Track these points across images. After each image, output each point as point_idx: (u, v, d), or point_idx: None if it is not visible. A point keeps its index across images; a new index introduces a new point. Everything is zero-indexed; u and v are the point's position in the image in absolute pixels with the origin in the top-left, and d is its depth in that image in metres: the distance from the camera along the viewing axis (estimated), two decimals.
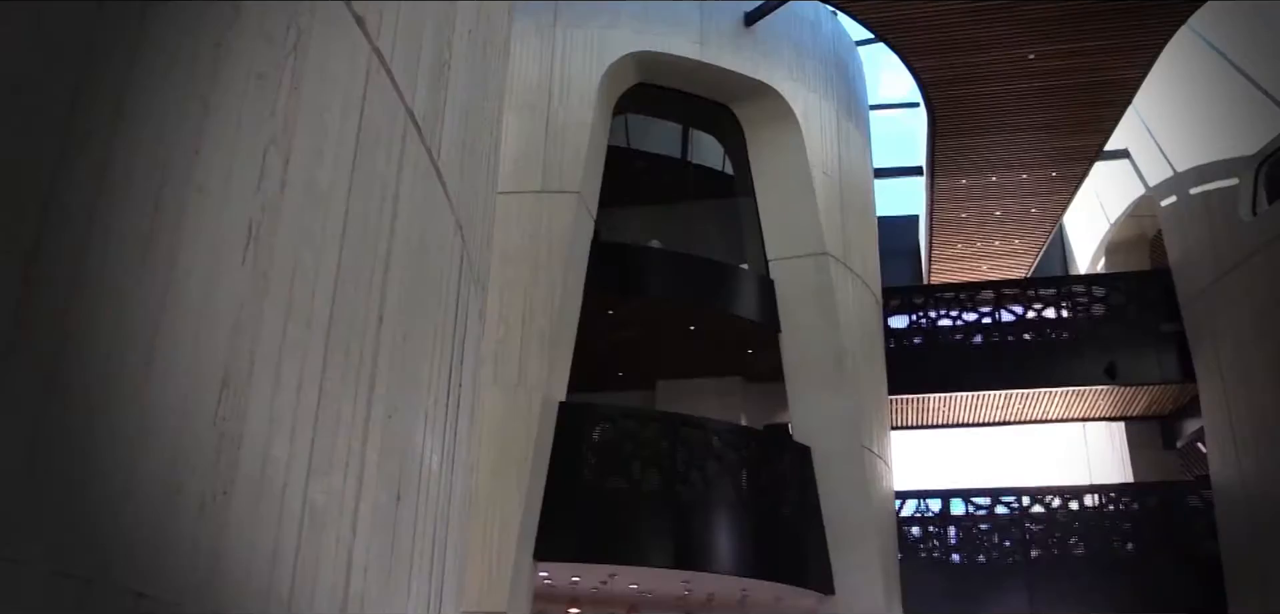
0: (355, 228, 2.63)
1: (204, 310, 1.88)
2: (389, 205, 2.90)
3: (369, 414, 2.79)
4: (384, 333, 2.91)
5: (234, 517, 1.99)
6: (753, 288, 13.56)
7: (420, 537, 3.58)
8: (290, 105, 2.24)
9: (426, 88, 3.28)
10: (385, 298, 2.91)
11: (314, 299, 2.38)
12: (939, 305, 17.05)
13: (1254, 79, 14.36)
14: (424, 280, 3.45)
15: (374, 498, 2.86)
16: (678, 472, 11.86)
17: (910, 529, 15.95)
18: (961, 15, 12.36)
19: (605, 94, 12.77)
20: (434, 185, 3.45)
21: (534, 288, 11.16)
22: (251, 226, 2.06)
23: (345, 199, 2.56)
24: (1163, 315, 16.17)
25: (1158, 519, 15.58)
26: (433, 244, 3.54)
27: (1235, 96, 14.71)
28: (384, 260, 2.89)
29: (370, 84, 2.71)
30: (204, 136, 1.90)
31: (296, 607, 2.30)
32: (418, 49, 3.19)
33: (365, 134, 2.67)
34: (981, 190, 16.17)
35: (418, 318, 3.38)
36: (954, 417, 18.23)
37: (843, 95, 15.18)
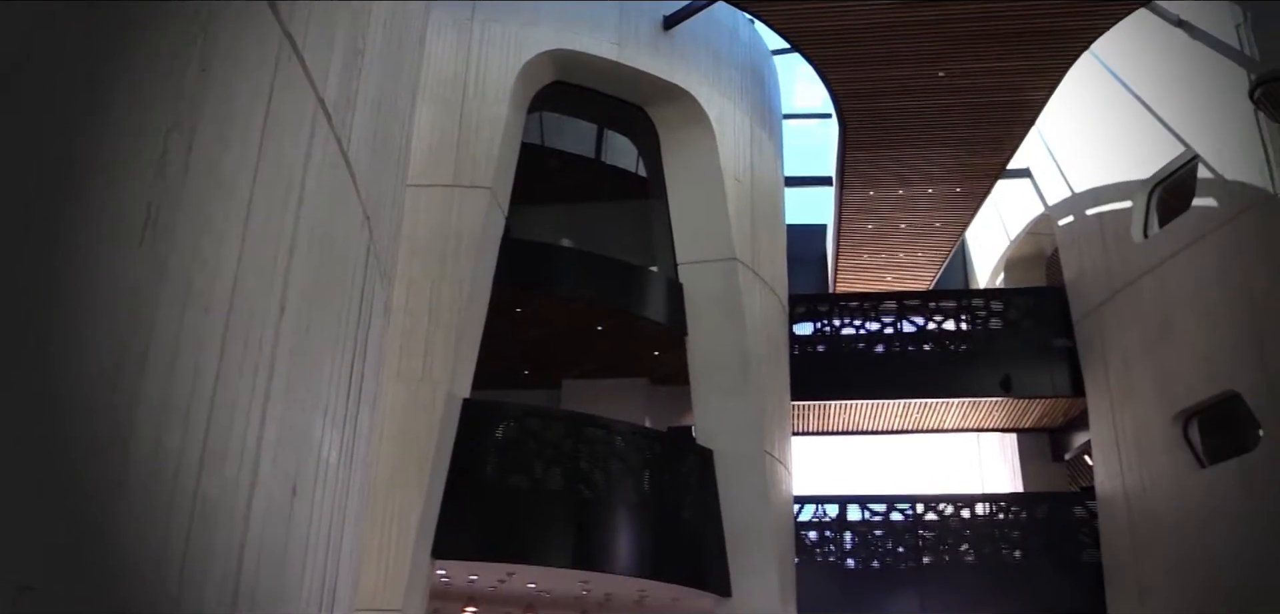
0: (259, 215, 2.58)
1: (96, 295, 1.83)
2: (295, 194, 2.85)
3: (266, 405, 2.74)
4: (285, 323, 2.86)
5: (124, 508, 1.93)
6: (661, 290, 13.64)
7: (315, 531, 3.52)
8: (196, 88, 2.18)
9: (339, 77, 3.23)
10: (288, 287, 2.86)
11: (213, 287, 2.33)
12: (843, 314, 17.39)
13: (1149, 106, 15.01)
14: (329, 271, 3.40)
15: (269, 491, 2.81)
16: (580, 472, 11.86)
17: (807, 533, 16.23)
18: (876, 30, 12.62)
19: (521, 91, 12.70)
20: (343, 175, 3.40)
21: (442, 282, 11.03)
22: (150, 210, 2.01)
23: (250, 186, 2.50)
24: (1056, 331, 16.76)
25: (1045, 528, 16.18)
26: (339, 235, 3.49)
27: (1132, 122, 15.35)
28: (288, 249, 2.84)
29: (280, 70, 2.66)
30: (103, 115, 1.84)
31: (185, 600, 2.24)
32: (331, 37, 3.14)
33: (273, 121, 2.62)
34: (888, 203, 16.54)
35: (321, 309, 3.33)
36: (854, 424, 18.61)
37: (757, 103, 15.37)
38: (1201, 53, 14.02)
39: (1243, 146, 13.22)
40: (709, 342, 13.52)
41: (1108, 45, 14.76)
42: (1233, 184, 13.27)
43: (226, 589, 2.52)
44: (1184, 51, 14.32)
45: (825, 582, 15.88)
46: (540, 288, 12.98)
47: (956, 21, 12.45)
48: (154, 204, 2.02)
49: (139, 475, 1.99)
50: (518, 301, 12.89)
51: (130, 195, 1.94)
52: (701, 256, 13.85)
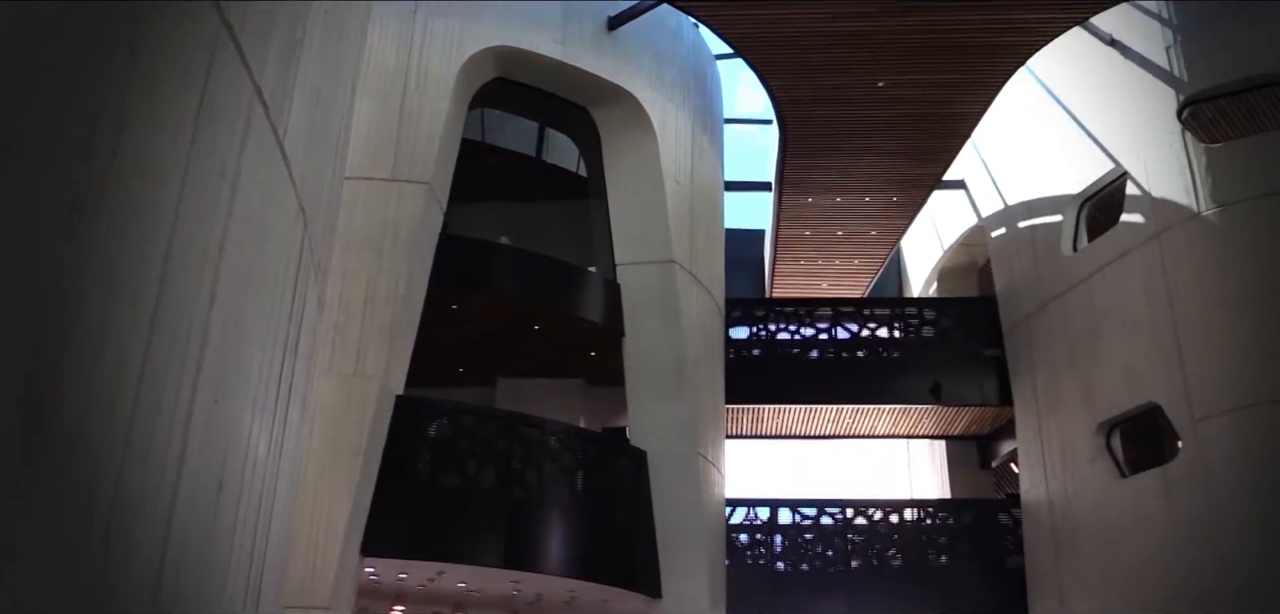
0: (190, 204, 2.52)
1: (17, 281, 1.77)
2: (228, 184, 2.79)
3: (193, 399, 2.68)
4: (215, 315, 2.80)
5: (42, 503, 1.87)
6: (599, 291, 13.62)
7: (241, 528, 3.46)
8: (126, 72, 2.12)
9: (276, 66, 3.17)
10: (218, 278, 2.80)
11: (140, 276, 2.27)
12: (779, 319, 17.54)
13: (1081, 122, 15.40)
14: (261, 263, 3.33)
15: (193, 486, 2.75)
16: (513, 471, 11.79)
17: (739, 536, 16.35)
18: (818, 38, 12.75)
19: (462, 86, 12.58)
20: (278, 166, 3.34)
21: (377, 277, 10.87)
22: (76, 195, 1.95)
23: (181, 174, 2.44)
24: (986, 341, 17.09)
25: (971, 534, 16.50)
26: (273, 227, 3.42)
27: (1065, 137, 15.75)
28: (219, 240, 2.78)
29: (216, 56, 2.60)
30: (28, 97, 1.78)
31: (106, 596, 2.18)
32: (269, 26, 3.08)
33: (207, 108, 2.56)
34: (826, 210, 16.71)
35: (252, 302, 3.26)
36: (787, 428, 18.78)
37: (699, 106, 15.43)
38: (1133, 72, 14.44)
39: (1169, 165, 13.65)
40: (645, 343, 13.53)
41: (1042, 61, 15.13)
42: (1159, 201, 13.68)
43: (147, 588, 2.46)
44: (1116, 70, 14.73)
45: (755, 584, 16.02)
46: (477, 285, 12.88)
47: (896, 33, 12.64)
48: (80, 189, 1.96)
49: (57, 469, 1.93)
50: (454, 298, 12.78)
51: (55, 180, 1.88)
52: (640, 258, 13.86)
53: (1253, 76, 13.29)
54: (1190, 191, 13.32)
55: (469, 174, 13.08)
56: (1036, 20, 12.48)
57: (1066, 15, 12.63)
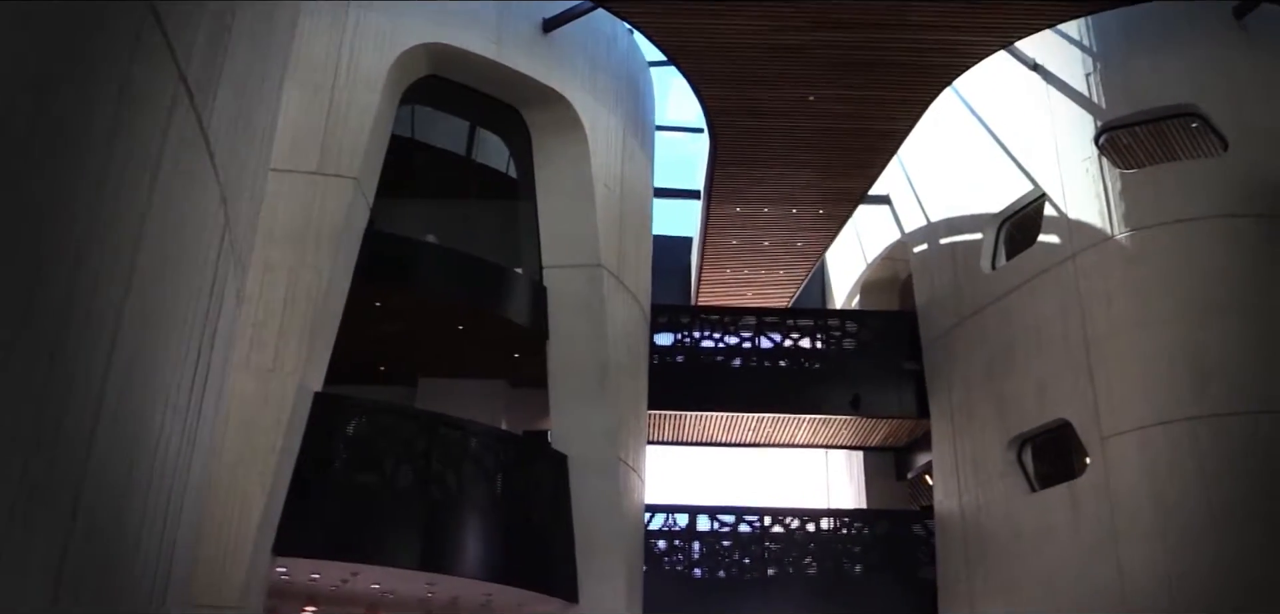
0: (109, 188, 2.45)
1: None
2: (149, 170, 2.72)
3: (104, 387, 2.61)
4: (130, 303, 2.73)
5: None
6: (525, 293, 13.56)
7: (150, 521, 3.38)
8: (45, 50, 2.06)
9: (203, 53, 3.10)
10: (134, 268, 2.73)
11: (55, 259, 2.20)
12: (704, 326, 17.67)
13: (1003, 143, 15.83)
14: (180, 253, 3.26)
15: (101, 476, 2.67)
16: (432, 472, 11.66)
17: (657, 542, 16.42)
18: (752, 50, 12.88)
19: (393, 82, 12.40)
20: (201, 156, 3.27)
21: (299, 271, 10.65)
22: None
23: (101, 157, 2.38)
24: (906, 354, 17.43)
25: (885, 544, 16.82)
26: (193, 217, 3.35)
27: (987, 157, 16.18)
28: (136, 229, 2.71)
29: (141, 41, 2.54)
30: None
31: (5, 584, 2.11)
32: (198, 13, 3.01)
33: (130, 93, 2.49)
34: (753, 220, 16.88)
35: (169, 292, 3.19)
36: (709, 435, 18.92)
37: (631, 112, 15.47)
38: (1054, 97, 14.91)
39: (1086, 188, 14.12)
40: (570, 347, 13.51)
41: (968, 82, 15.56)
42: (1075, 223, 14.13)
43: (48, 578, 2.38)
44: (1038, 94, 15.19)
45: (672, 590, 16.11)
46: (402, 283, 12.72)
47: (827, 48, 12.83)
48: None
49: None
50: (378, 296, 12.59)
51: None
52: (567, 261, 13.84)
53: (1167, 106, 13.85)
54: (1104, 215, 13.78)
55: (397, 170, 12.91)
56: (963, 42, 12.80)
57: (992, 39, 12.96)
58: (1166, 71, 13.99)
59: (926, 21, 12.44)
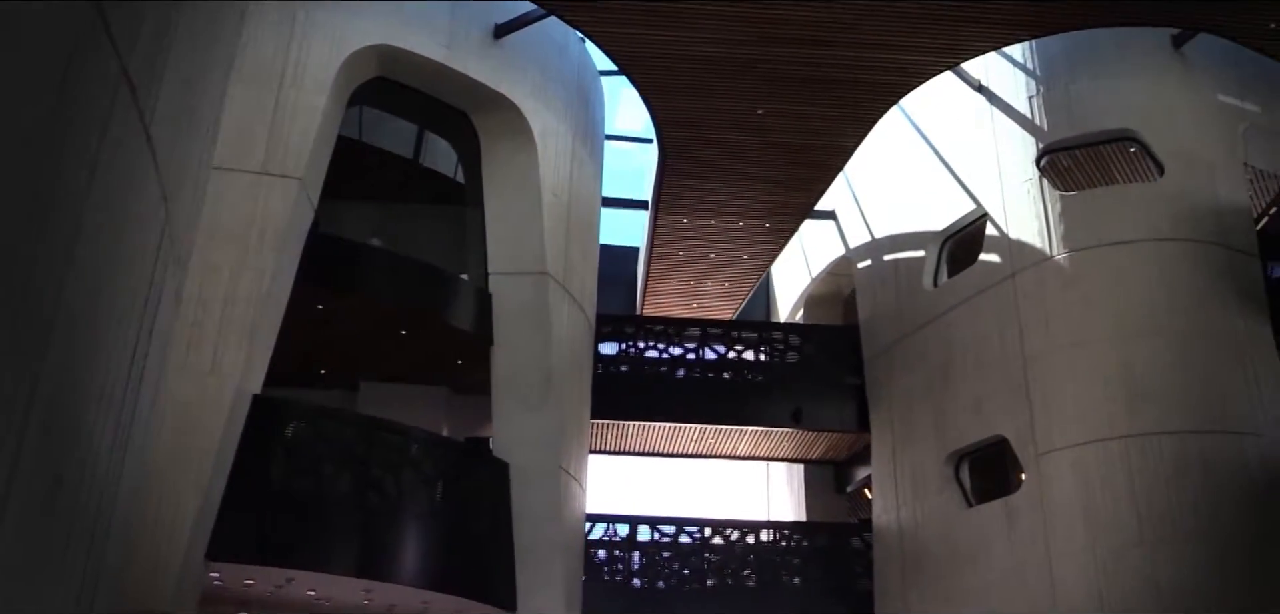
0: (45, 183, 2.38)
1: None
2: (86, 166, 2.65)
3: (35, 387, 2.53)
4: (64, 300, 2.65)
5: None
6: (470, 299, 13.46)
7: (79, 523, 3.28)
8: None
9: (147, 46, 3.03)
10: (71, 264, 2.65)
11: None
12: (648, 337, 17.66)
13: (947, 162, 16.08)
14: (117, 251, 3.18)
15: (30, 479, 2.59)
16: (371, 478, 11.51)
17: (597, 552, 16.37)
18: (702, 63, 12.97)
19: (342, 82, 12.23)
20: (142, 151, 3.19)
21: (241, 272, 10.45)
22: None
23: (36, 154, 2.31)
24: (847, 369, 17.59)
25: (824, 557, 16.94)
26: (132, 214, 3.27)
27: (931, 176, 16.43)
28: (73, 225, 2.63)
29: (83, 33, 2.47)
30: None
31: None
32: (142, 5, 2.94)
33: (69, 84, 2.43)
34: (700, 232, 16.96)
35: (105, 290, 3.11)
36: (651, 445, 18.91)
37: (581, 121, 15.45)
38: (997, 118, 15.19)
39: (1026, 209, 14.40)
40: (514, 354, 13.43)
41: (913, 101, 15.78)
42: (1015, 243, 14.40)
43: None
44: (982, 115, 15.48)
45: (611, 600, 16.08)
46: (345, 286, 12.55)
47: (777, 64, 12.97)
48: None
49: None
50: (321, 298, 12.41)
51: None
52: (513, 268, 13.77)
53: (1106, 130, 14.21)
54: (1044, 235, 14.07)
55: (343, 172, 12.75)
56: (910, 62, 13.02)
57: (939, 60, 13.20)
58: (1106, 97, 14.35)
59: (875, 40, 12.63)
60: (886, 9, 12.13)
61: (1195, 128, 14.16)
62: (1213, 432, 12.38)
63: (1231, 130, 14.54)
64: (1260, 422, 12.50)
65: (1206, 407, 12.54)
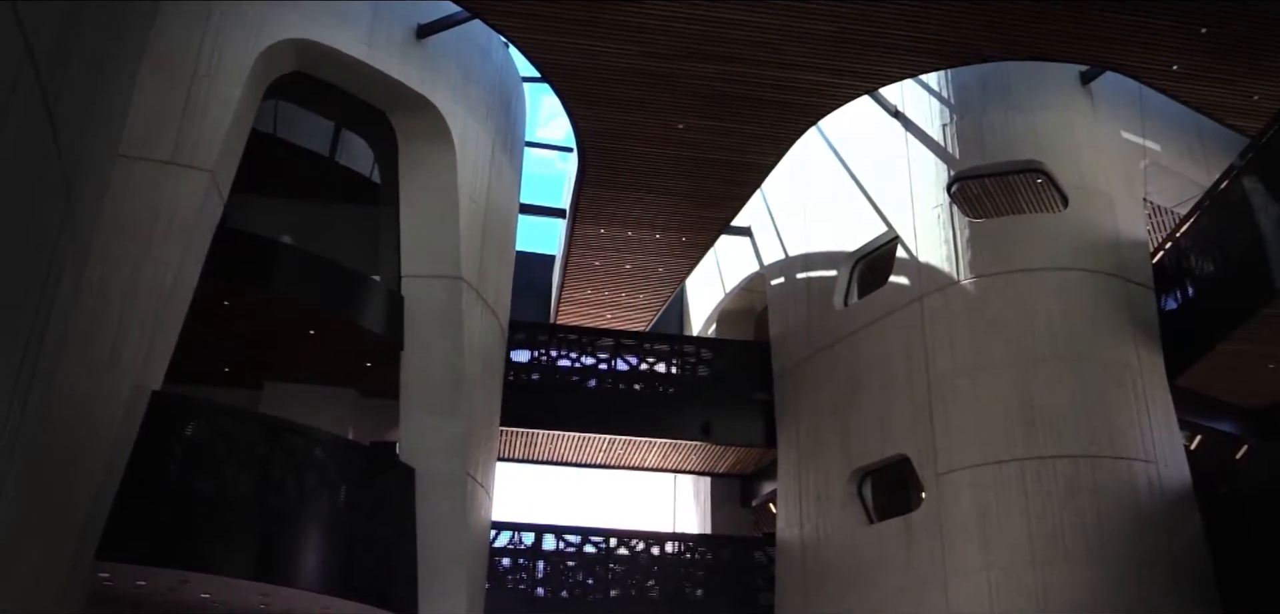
0: None
1: None
2: None
3: None
4: None
5: None
6: (382, 301, 13.25)
7: None
8: None
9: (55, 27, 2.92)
10: None
11: None
12: (561, 345, 17.60)
13: (862, 184, 16.41)
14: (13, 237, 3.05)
15: None
16: (273, 479, 11.22)
17: (502, 560, 16.27)
18: (625, 75, 13.02)
19: (258, 75, 11.91)
20: (44, 135, 3.07)
21: (144, 264, 10.08)
22: None
23: None
24: (757, 384, 17.75)
25: (727, 570, 17.08)
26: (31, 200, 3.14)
27: (846, 197, 16.75)
28: None
29: None
30: None
31: None
32: None
33: None
34: (617, 242, 17.01)
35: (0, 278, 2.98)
36: (560, 454, 18.83)
37: (502, 126, 15.34)
38: (912, 144, 15.59)
39: (936, 234, 14.79)
40: (424, 358, 13.26)
41: (832, 123, 16.13)
42: (924, 266, 14.78)
43: None
44: (897, 140, 15.87)
45: (514, 609, 16.03)
46: (253, 283, 12.22)
47: (698, 79, 13.11)
48: None
49: None
50: (227, 294, 12.08)
51: None
52: (427, 271, 13.60)
53: (1015, 161, 14.69)
54: (952, 260, 14.46)
55: (256, 166, 12.42)
56: (830, 84, 13.29)
57: (858, 84, 13.52)
58: (1016, 128, 14.84)
59: (795, 61, 12.86)
60: (807, 31, 12.37)
61: (1099, 162, 14.73)
62: (1104, 457, 12.84)
63: (1133, 166, 15.19)
64: (1149, 449, 13.01)
65: (1099, 432, 13.00)
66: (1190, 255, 13.92)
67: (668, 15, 12.13)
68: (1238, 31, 12.31)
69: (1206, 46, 12.56)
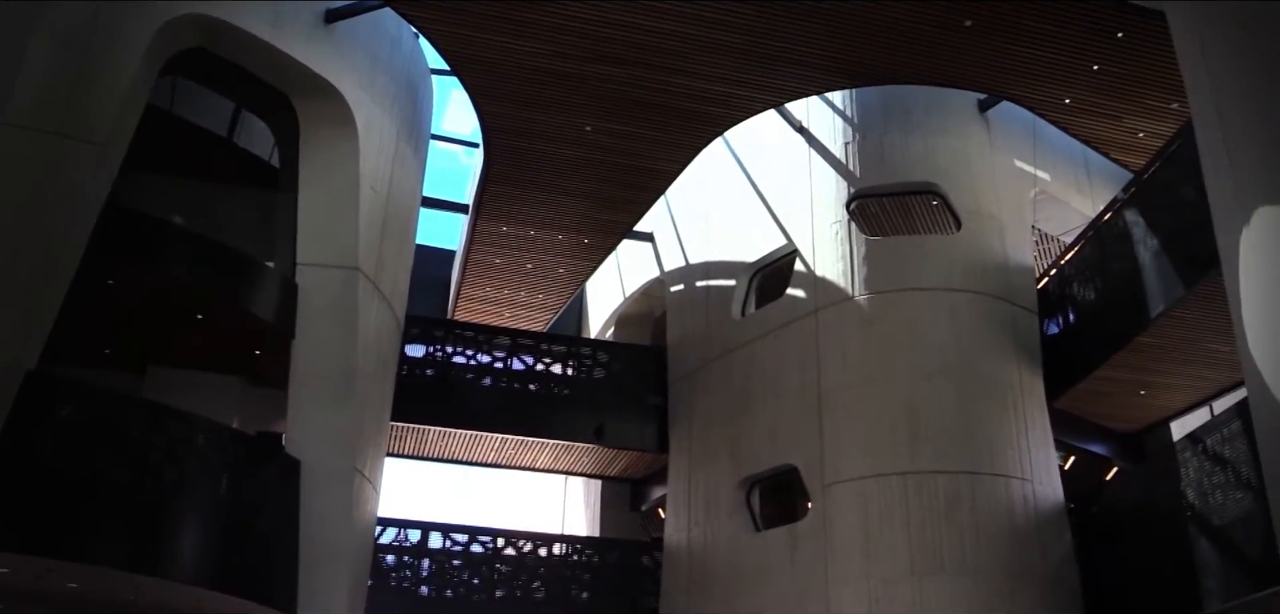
0: None
1: None
2: None
3: None
4: None
5: None
6: (274, 288, 12.85)
7: None
8: None
9: None
10: None
11: None
12: (458, 342, 17.37)
13: (764, 197, 16.67)
14: None
15: None
16: (151, 466, 10.77)
17: (386, 557, 15.99)
18: (535, 73, 12.98)
19: (157, 49, 11.41)
20: None
21: (23, 239, 9.55)
22: None
23: None
24: (652, 389, 17.84)
25: (614, 573, 17.12)
26: None
27: (748, 208, 17.00)
28: None
29: None
30: None
31: None
32: None
33: None
34: (519, 241, 16.92)
35: None
36: (451, 452, 18.59)
37: (408, 117, 15.06)
38: (815, 160, 15.92)
39: (834, 249, 15.13)
40: (316, 349, 12.94)
41: (738, 134, 16.39)
42: (821, 281, 15.10)
43: None
44: (800, 155, 16.19)
45: (397, 607, 15.78)
46: (141, 263, 11.72)
47: (607, 82, 13.18)
48: None
49: None
50: (112, 273, 11.57)
51: None
52: (323, 260, 13.26)
53: (912, 183, 15.17)
54: (848, 276, 14.82)
55: (150, 143, 11.91)
56: (738, 96, 13.53)
57: (765, 97, 13.81)
58: (915, 151, 15.31)
59: (703, 71, 13.05)
60: (718, 43, 12.56)
61: (992, 188, 15.27)
62: (984, 473, 13.33)
63: (1023, 194, 15.81)
64: (1026, 467, 13.56)
65: (980, 450, 13.49)
66: (1073, 282, 14.53)
67: (579, 17, 12.15)
68: (1127, 71, 12.99)
69: (1098, 83, 13.22)
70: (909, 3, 12.10)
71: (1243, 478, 10.42)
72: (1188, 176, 11.34)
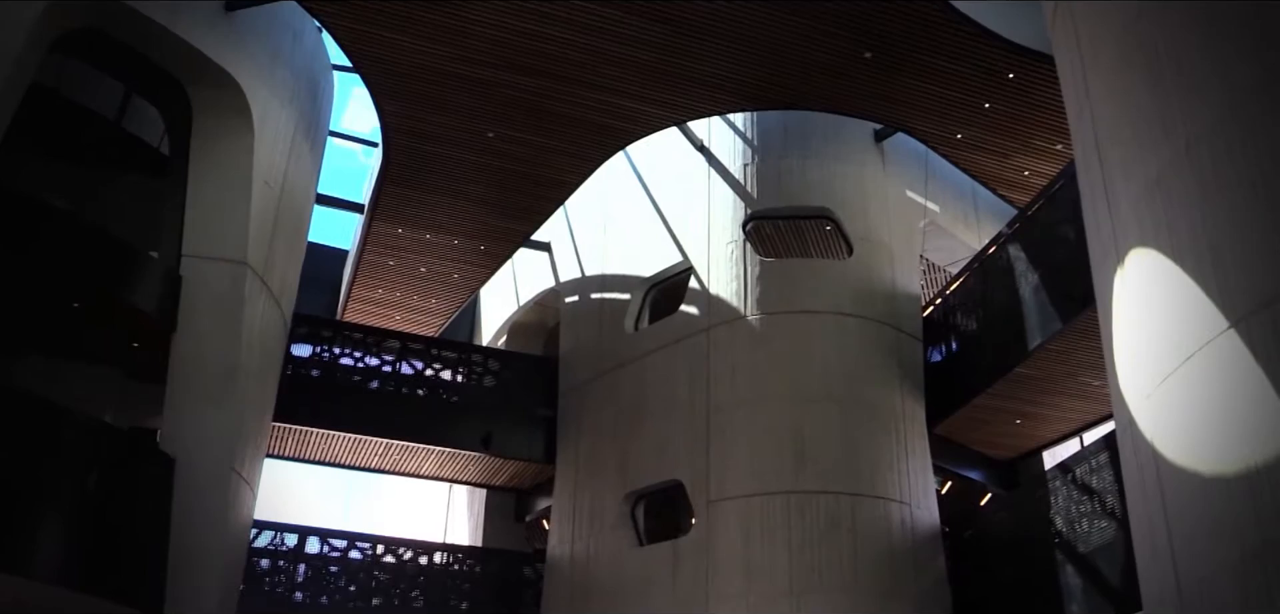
0: None
1: None
2: None
3: None
4: None
5: None
6: (157, 279, 12.38)
7: None
8: None
9: None
10: None
11: None
12: (346, 343, 17.04)
13: (662, 213, 16.84)
14: None
15: None
16: (9, 459, 10.24)
17: (260, 561, 15.60)
18: (439, 76, 12.88)
19: (44, 26, 10.90)
20: None
21: None
22: None
23: None
24: (542, 400, 17.79)
25: (495, 583, 17.07)
26: None
27: (645, 223, 17.16)
28: None
29: None
30: None
31: None
32: None
33: None
34: (413, 244, 16.72)
35: None
36: (334, 455, 18.17)
37: (307, 112, 14.72)
38: (713, 179, 16.20)
39: (728, 269, 15.41)
40: (197, 344, 12.51)
41: (639, 149, 16.56)
42: (715, 298, 15.37)
43: None
44: (699, 174, 16.44)
45: (268, 613, 15.36)
46: (16, 247, 11.17)
47: (511, 89, 13.20)
48: None
49: None
50: None
51: None
52: (210, 253, 12.84)
53: (806, 207, 15.53)
54: (741, 295, 15.11)
55: (34, 124, 11.38)
56: (638, 111, 13.72)
57: (668, 115, 14.02)
58: (812, 176, 15.71)
59: (607, 84, 13.19)
60: (624, 57, 12.69)
61: (884, 217, 15.78)
62: (865, 495, 13.74)
63: (913, 224, 16.38)
64: (905, 491, 14.04)
65: (862, 472, 13.90)
66: (957, 312, 15.12)
67: (486, 22, 12.14)
68: (1016, 111, 13.67)
69: (988, 121, 13.85)
70: (812, 32, 12.46)
71: (1108, 507, 11.01)
72: (1068, 216, 11.89)
